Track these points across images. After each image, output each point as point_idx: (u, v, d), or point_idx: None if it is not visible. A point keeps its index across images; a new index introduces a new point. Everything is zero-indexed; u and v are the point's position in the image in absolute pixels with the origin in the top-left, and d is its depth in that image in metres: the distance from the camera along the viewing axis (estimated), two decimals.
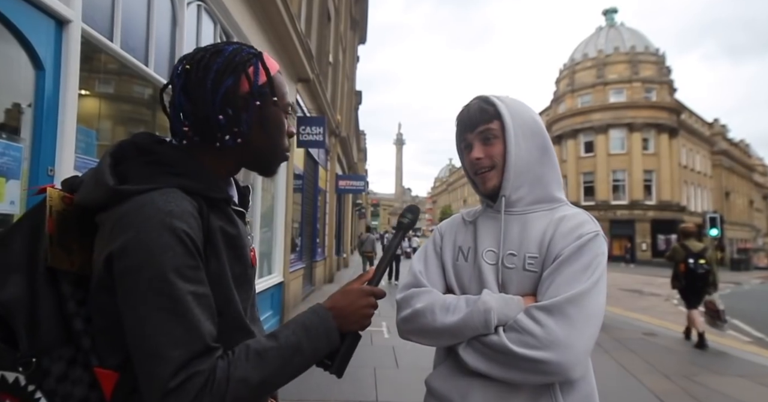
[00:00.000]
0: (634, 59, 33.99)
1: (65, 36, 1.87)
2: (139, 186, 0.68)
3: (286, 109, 0.84)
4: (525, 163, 1.00)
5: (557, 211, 1.00)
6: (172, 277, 0.63)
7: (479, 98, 1.06)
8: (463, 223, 1.11)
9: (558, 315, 0.85)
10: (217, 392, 0.63)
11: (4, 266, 0.67)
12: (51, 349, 0.66)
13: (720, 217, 19.78)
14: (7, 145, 1.60)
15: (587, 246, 0.91)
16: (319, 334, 0.75)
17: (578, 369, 0.85)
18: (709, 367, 4.84)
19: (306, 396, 3.52)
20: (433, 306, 0.96)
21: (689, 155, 37.44)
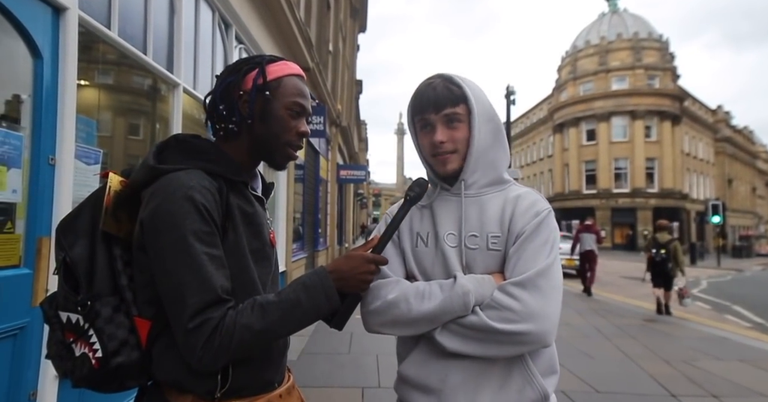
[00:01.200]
0: (637, 46, 33.60)
1: (62, 23, 1.85)
2: (171, 166, 0.85)
3: (290, 107, 0.94)
4: (482, 148, 1.02)
5: (509, 191, 1.04)
6: (190, 240, 0.78)
7: (443, 78, 1.03)
8: (416, 209, 1.08)
9: (531, 288, 0.90)
10: (226, 334, 0.77)
11: (76, 231, 0.85)
12: (101, 296, 0.82)
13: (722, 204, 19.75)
14: (7, 134, 1.60)
15: (545, 222, 0.97)
16: (318, 292, 0.85)
17: (552, 336, 0.92)
18: (709, 352, 4.87)
19: (311, 382, 3.57)
20: (406, 295, 0.95)
21: (692, 142, 37.23)
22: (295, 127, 0.95)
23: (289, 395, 0.94)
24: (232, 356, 0.79)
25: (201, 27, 3.64)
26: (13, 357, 1.62)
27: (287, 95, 0.94)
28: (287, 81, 0.95)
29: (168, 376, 0.84)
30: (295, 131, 0.96)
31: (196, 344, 0.76)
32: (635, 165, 32.37)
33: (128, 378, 0.84)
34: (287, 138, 0.95)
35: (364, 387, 3.52)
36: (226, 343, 0.77)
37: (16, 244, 1.67)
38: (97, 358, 0.80)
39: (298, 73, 0.98)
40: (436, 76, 1.05)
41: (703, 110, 41.01)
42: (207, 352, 0.76)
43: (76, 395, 1.90)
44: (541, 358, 0.99)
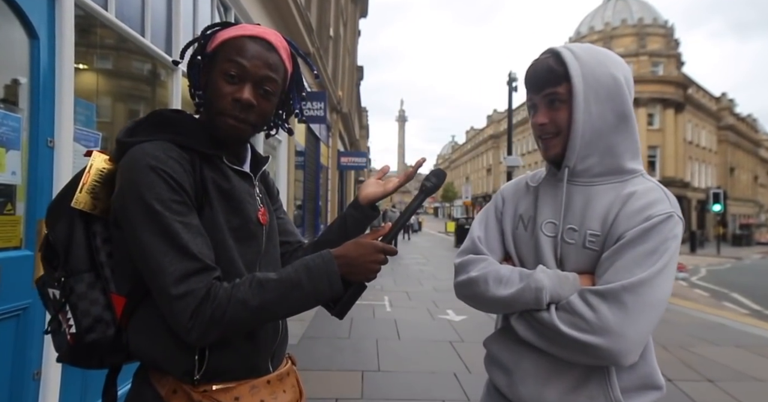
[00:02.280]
0: (642, 32, 33.12)
1: (58, 3, 1.82)
2: (137, 139, 0.81)
3: (225, 71, 0.83)
4: (595, 131, 0.90)
5: (627, 185, 0.91)
6: (159, 208, 0.75)
7: (550, 53, 0.94)
8: (525, 188, 1.05)
9: (612, 301, 0.80)
10: (219, 307, 0.74)
11: (60, 211, 0.84)
12: (76, 273, 0.81)
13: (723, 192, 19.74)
14: (5, 116, 1.59)
15: (656, 229, 0.83)
16: (320, 275, 0.80)
17: (630, 357, 0.81)
18: (706, 338, 4.92)
19: (311, 365, 3.62)
20: (486, 276, 0.94)
21: (695, 131, 36.98)
22: (230, 94, 0.83)
23: (281, 382, 0.89)
24: (224, 331, 0.75)
25: (200, 10, 3.59)
26: (17, 337, 1.64)
27: (224, 60, 0.84)
28: (230, 43, 0.85)
29: (144, 354, 0.82)
30: (229, 98, 0.83)
31: (184, 314, 0.72)
32: None
33: (106, 355, 0.83)
34: (219, 106, 0.84)
35: (364, 370, 3.57)
36: (218, 317, 0.73)
37: (16, 226, 1.67)
38: (71, 334, 0.80)
39: (252, 35, 0.86)
40: (546, 51, 0.96)
41: (706, 98, 40.65)
42: (197, 323, 0.72)
43: (80, 375, 1.93)
44: (631, 374, 0.89)
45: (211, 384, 0.80)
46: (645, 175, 0.95)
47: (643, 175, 0.95)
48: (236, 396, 0.82)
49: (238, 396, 0.82)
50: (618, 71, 0.92)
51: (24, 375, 1.66)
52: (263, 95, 0.86)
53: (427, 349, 4.17)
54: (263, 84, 0.85)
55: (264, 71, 0.85)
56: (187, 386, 0.79)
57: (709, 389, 3.41)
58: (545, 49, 0.97)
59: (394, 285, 7.73)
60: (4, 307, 1.58)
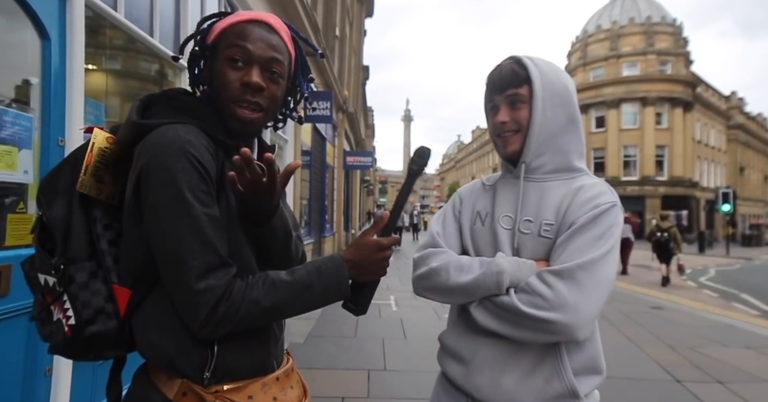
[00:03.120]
0: (650, 30, 32.83)
1: (69, 4, 1.84)
2: (160, 120, 0.78)
3: (229, 56, 0.81)
4: (549, 132, 1.00)
5: (576, 181, 1.01)
6: (189, 198, 0.72)
7: (512, 59, 1.04)
8: (482, 189, 1.13)
9: (568, 279, 0.88)
10: (233, 305, 0.73)
11: (55, 190, 0.80)
12: (76, 261, 0.77)
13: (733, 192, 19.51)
14: (17, 115, 1.61)
15: (603, 216, 0.93)
16: (331, 280, 0.81)
17: (584, 330, 0.88)
18: (715, 339, 4.87)
19: (317, 364, 3.63)
20: (448, 265, 0.99)
21: (704, 130, 36.60)
22: (238, 79, 0.81)
23: (288, 378, 0.89)
24: (234, 328, 0.75)
25: (207, 10, 3.61)
26: (29, 334, 1.66)
27: (226, 45, 0.82)
28: (230, 30, 0.83)
29: (153, 351, 0.78)
30: (237, 83, 0.81)
31: (201, 310, 0.71)
32: (645, 153, 31.95)
33: (105, 348, 0.80)
34: (228, 93, 0.81)
35: (370, 369, 3.58)
36: (231, 315, 0.73)
37: (28, 224, 1.70)
38: (70, 325, 0.76)
39: (252, 19, 0.84)
40: (507, 58, 1.05)
41: (716, 97, 40.22)
42: (211, 320, 0.72)
43: (91, 371, 1.95)
44: (580, 355, 0.96)
45: (221, 384, 0.78)
46: (589, 173, 1.06)
47: (587, 173, 1.05)
48: (249, 395, 0.80)
49: (251, 395, 0.80)
50: (568, 81, 1.04)
51: (36, 371, 1.69)
52: (271, 78, 0.84)
53: (433, 349, 4.10)
54: (270, 66, 0.83)
55: (269, 52, 0.83)
56: (198, 387, 0.76)
57: (718, 391, 3.38)
58: (507, 56, 1.07)
59: (400, 284, 7.73)
60: (16, 305, 1.60)
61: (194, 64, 0.89)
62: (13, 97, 1.65)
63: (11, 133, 1.58)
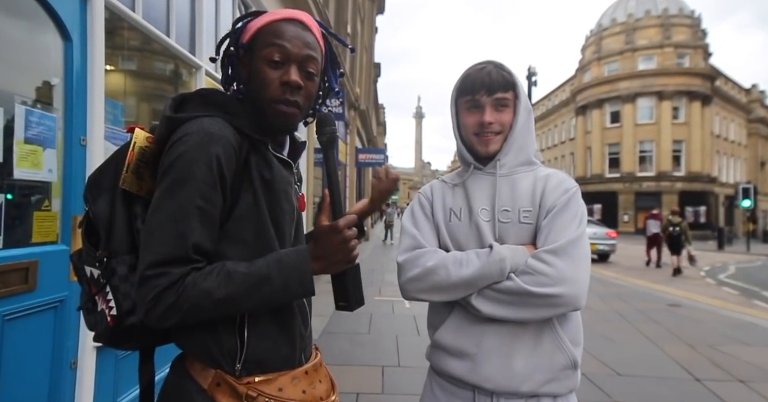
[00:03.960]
0: (667, 23, 32.12)
1: (89, 6, 1.88)
2: (189, 114, 0.81)
3: (268, 57, 0.83)
4: (519, 132, 1.11)
5: (538, 171, 1.13)
6: (188, 187, 0.74)
7: (495, 64, 1.11)
8: (448, 187, 1.18)
9: (563, 255, 0.97)
10: (183, 294, 0.72)
11: (100, 187, 0.84)
12: (118, 254, 0.81)
13: (753, 187, 19.04)
14: (42, 115, 1.66)
15: (574, 198, 1.06)
16: (292, 273, 0.78)
17: (584, 299, 0.98)
18: (735, 337, 4.78)
19: (331, 360, 3.66)
20: (445, 262, 1.03)
21: (723, 124, 35.76)
22: (278, 78, 0.83)
23: (316, 372, 0.90)
24: (182, 319, 0.73)
25: (222, 10, 3.65)
26: (55, 328, 1.72)
27: (263, 45, 0.84)
28: (267, 29, 0.85)
29: (187, 338, 0.82)
30: (277, 82, 0.83)
31: (147, 295, 0.72)
32: (661, 148, 31.34)
33: (142, 338, 0.84)
34: (269, 93, 0.84)
35: (384, 365, 3.59)
36: (179, 304, 0.72)
37: (53, 222, 1.74)
38: (112, 315, 0.80)
39: (286, 17, 0.86)
40: (486, 62, 1.12)
41: (735, 90, 39.23)
42: (157, 306, 0.72)
43: (113, 364, 2.00)
44: (569, 323, 1.06)
45: (253, 376, 0.80)
46: (543, 164, 1.17)
47: (541, 164, 1.17)
48: (280, 387, 0.81)
49: (281, 387, 0.82)
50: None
51: (62, 364, 1.74)
52: (307, 76, 0.86)
53: None
54: (306, 65, 0.86)
55: (305, 51, 0.85)
56: (231, 378, 0.78)
57: (739, 390, 3.32)
58: (484, 60, 1.15)
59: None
60: (43, 299, 1.65)
61: (229, 64, 0.90)
62: (37, 98, 1.69)
63: (36, 133, 1.63)
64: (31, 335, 1.61)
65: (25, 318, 1.58)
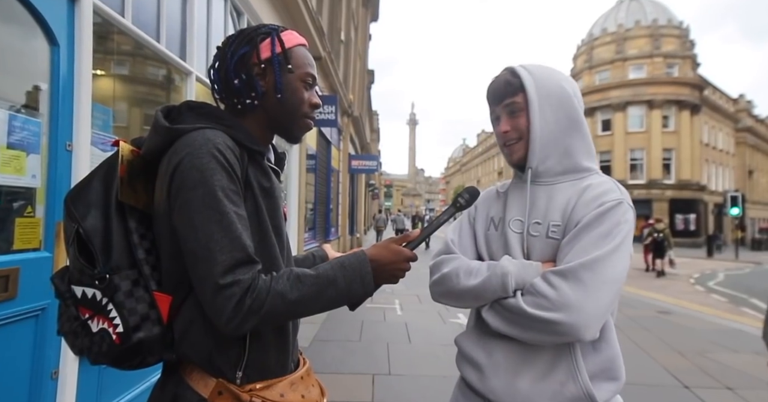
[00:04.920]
0: (656, 33, 32.67)
1: (77, 10, 1.87)
2: (192, 125, 0.82)
3: (304, 79, 0.93)
4: (551, 135, 1.01)
5: (584, 181, 1.01)
6: (220, 196, 0.76)
7: (507, 70, 1.07)
8: (496, 195, 1.15)
9: (572, 279, 0.87)
10: (258, 297, 0.75)
11: (87, 202, 0.82)
12: (120, 269, 0.80)
13: (741, 196, 19.30)
14: (26, 120, 1.63)
15: (609, 213, 0.92)
16: (355, 275, 0.84)
17: (590, 330, 0.87)
18: (724, 344, 4.81)
19: (322, 368, 3.62)
20: (458, 270, 1.02)
21: (711, 133, 36.29)
22: (309, 99, 0.94)
23: (309, 377, 0.94)
24: (260, 323, 0.76)
25: (213, 15, 3.64)
26: (36, 337, 1.68)
27: (301, 66, 0.93)
28: (298, 51, 0.93)
29: (193, 348, 0.82)
30: (309, 103, 0.94)
31: (227, 304, 0.73)
32: (652, 156, 31.72)
33: (150, 354, 0.82)
34: (303, 110, 0.94)
35: (375, 374, 3.57)
36: (256, 307, 0.74)
37: (36, 228, 1.71)
38: (118, 333, 0.77)
39: (305, 43, 0.97)
40: (503, 69, 1.09)
41: (723, 99, 39.87)
42: (237, 313, 0.73)
43: (96, 374, 1.96)
44: (596, 359, 0.95)
45: (254, 383, 0.81)
46: (599, 172, 1.06)
47: (597, 172, 1.05)
48: (281, 393, 0.84)
49: (282, 393, 0.84)
50: (565, 83, 1.04)
51: (43, 374, 1.70)
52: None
53: (438, 353, 4.15)
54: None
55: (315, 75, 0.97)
56: (233, 386, 0.79)
57: (728, 397, 3.34)
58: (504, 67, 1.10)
59: (405, 288, 7.71)
60: (23, 308, 1.61)
61: (258, 71, 0.90)
62: (22, 103, 1.67)
63: (20, 138, 1.60)
64: (11, 344, 1.57)
65: (4, 327, 1.54)
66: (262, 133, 0.94)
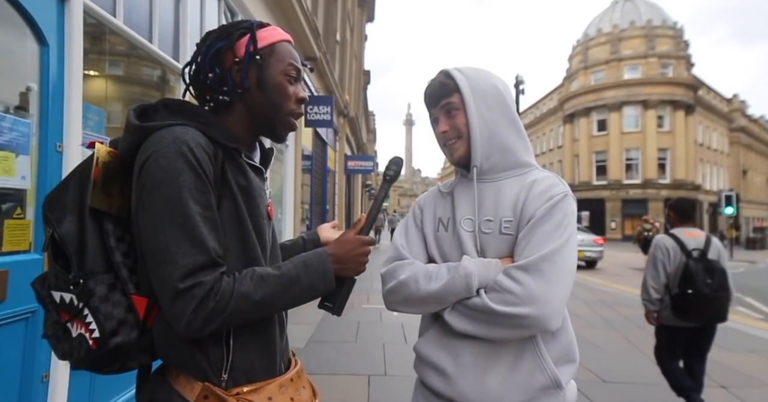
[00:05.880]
0: (651, 33, 32.87)
1: (67, 10, 1.85)
2: (161, 123, 0.79)
3: (287, 72, 0.90)
4: (492, 133, 1.03)
5: (528, 176, 1.04)
6: (185, 197, 0.73)
7: (441, 73, 1.08)
8: (440, 195, 1.14)
9: (534, 272, 0.90)
10: (222, 300, 0.74)
11: (63, 205, 0.80)
12: (95, 274, 0.78)
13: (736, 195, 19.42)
14: (15, 121, 1.62)
15: (557, 206, 0.96)
16: (317, 273, 0.84)
17: (556, 320, 0.90)
18: (718, 343, 4.79)
19: (318, 370, 3.61)
20: (416, 275, 1.01)
21: (706, 132, 36.53)
22: (294, 94, 0.92)
23: (299, 379, 0.92)
24: (222, 324, 0.75)
25: (207, 15, 3.63)
26: (26, 340, 1.66)
27: (282, 60, 0.90)
28: (280, 46, 0.91)
29: (174, 350, 0.80)
30: (294, 98, 0.92)
31: (186, 307, 0.72)
32: (647, 156, 31.90)
33: (129, 358, 0.81)
34: (288, 106, 0.91)
35: (371, 374, 3.56)
36: (220, 309, 0.73)
37: (26, 230, 1.70)
38: (94, 338, 0.76)
39: (289, 39, 0.95)
40: (438, 73, 1.09)
41: (717, 99, 40.16)
42: (198, 315, 0.72)
43: (87, 377, 1.94)
44: (556, 345, 0.99)
45: (240, 386, 0.80)
46: (539, 167, 1.09)
47: (537, 167, 1.08)
48: (269, 396, 0.82)
49: (270, 396, 0.83)
50: (497, 82, 1.07)
51: (33, 378, 1.68)
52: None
53: None
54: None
55: (303, 73, 0.95)
56: (219, 390, 0.78)
57: (722, 395, 3.35)
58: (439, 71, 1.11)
59: None
60: (13, 310, 1.60)
61: (231, 66, 0.87)
62: (11, 103, 1.66)
63: (9, 139, 1.59)
64: (0, 347, 1.56)
65: None
66: (244, 132, 0.91)
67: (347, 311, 5.68)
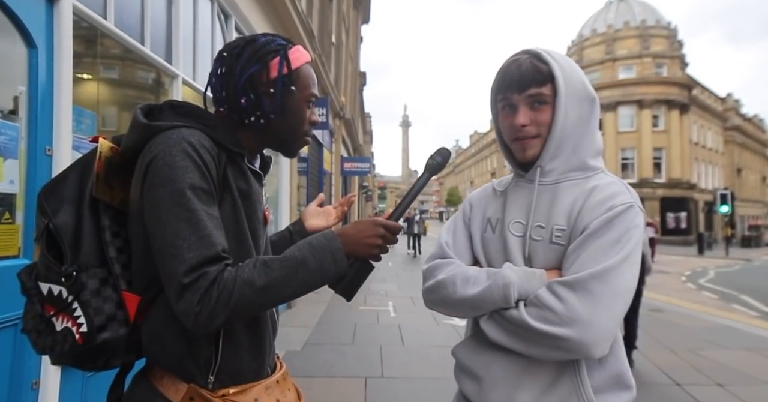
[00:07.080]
0: (645, 33, 33.03)
1: (56, 12, 1.83)
2: (168, 123, 0.80)
3: (308, 99, 0.93)
4: (567, 133, 0.92)
5: (590, 181, 0.93)
6: (189, 194, 0.74)
7: (531, 54, 0.93)
8: (493, 194, 1.06)
9: (581, 291, 0.80)
10: (225, 288, 0.72)
11: (61, 197, 0.80)
12: (88, 267, 0.78)
13: (731, 193, 19.53)
14: (3, 125, 1.60)
15: (618, 219, 0.84)
16: (324, 252, 0.80)
17: (600, 348, 0.80)
18: (715, 341, 4.84)
19: (314, 372, 3.59)
20: (454, 277, 0.94)
21: (701, 132, 36.71)
22: (309, 117, 0.95)
23: (285, 381, 0.92)
24: (231, 315, 0.73)
25: (200, 18, 3.61)
26: (15, 346, 1.64)
27: (305, 87, 0.92)
28: (303, 71, 0.92)
29: (162, 350, 0.80)
30: (308, 121, 0.95)
31: (193, 300, 0.70)
32: (642, 155, 32.02)
33: (114, 355, 0.80)
34: (304, 129, 0.95)
35: (368, 377, 3.54)
36: (225, 299, 0.71)
37: (15, 235, 1.68)
38: (81, 332, 0.75)
39: (311, 59, 0.97)
40: (523, 52, 0.95)
41: (712, 99, 40.36)
42: (204, 307, 0.70)
43: (79, 384, 1.92)
44: (602, 372, 0.89)
45: (227, 388, 0.80)
46: (605, 171, 0.97)
47: (603, 171, 0.97)
48: (255, 398, 0.82)
49: (256, 397, 0.82)
50: (584, 77, 0.96)
51: (22, 385, 1.66)
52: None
53: (432, 355, 4.14)
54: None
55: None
56: (205, 391, 0.77)
57: (719, 394, 3.35)
58: (523, 49, 0.97)
59: (399, 290, 7.70)
60: (2, 317, 1.58)
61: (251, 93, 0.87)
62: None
63: None
64: None
65: None
66: (254, 145, 0.93)
67: (346, 312, 5.67)
